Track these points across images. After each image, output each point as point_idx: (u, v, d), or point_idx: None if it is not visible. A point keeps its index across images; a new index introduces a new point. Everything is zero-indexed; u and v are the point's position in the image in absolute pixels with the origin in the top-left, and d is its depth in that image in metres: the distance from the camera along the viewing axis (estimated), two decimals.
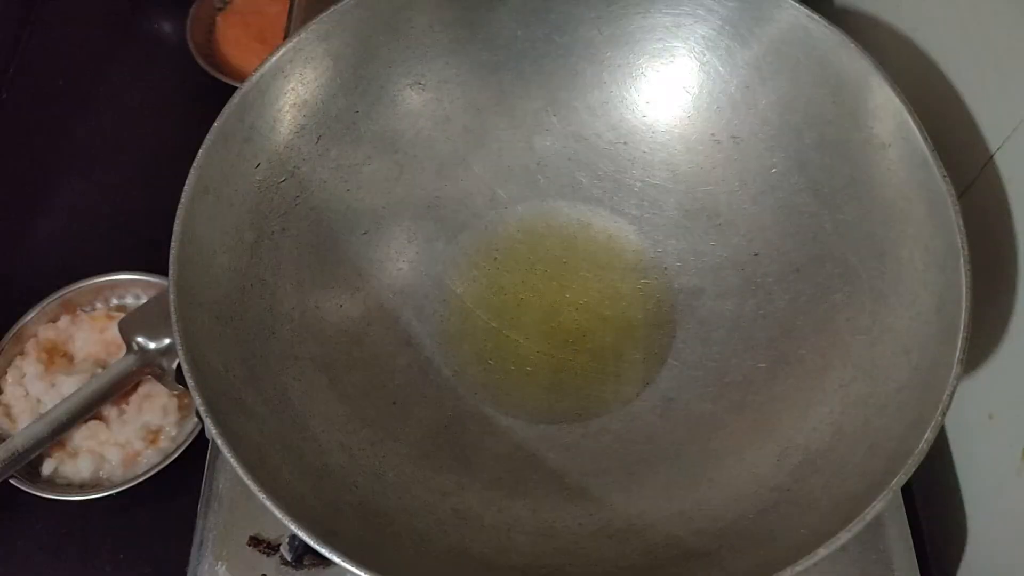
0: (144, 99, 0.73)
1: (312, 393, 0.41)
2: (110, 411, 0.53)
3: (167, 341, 0.51)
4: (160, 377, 0.52)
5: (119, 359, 0.52)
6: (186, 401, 0.54)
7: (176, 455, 0.52)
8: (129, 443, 0.53)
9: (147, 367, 0.52)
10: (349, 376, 0.43)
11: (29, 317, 0.56)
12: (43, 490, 0.51)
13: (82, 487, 0.52)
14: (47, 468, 0.52)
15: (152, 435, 0.53)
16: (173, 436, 0.53)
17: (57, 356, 0.56)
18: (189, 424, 0.53)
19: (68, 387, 0.53)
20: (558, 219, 0.48)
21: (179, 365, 0.36)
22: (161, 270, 0.50)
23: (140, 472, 0.52)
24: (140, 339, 0.51)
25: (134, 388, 0.54)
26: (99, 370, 0.54)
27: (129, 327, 0.52)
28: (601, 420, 0.43)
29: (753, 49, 0.44)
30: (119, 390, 0.52)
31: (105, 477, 0.52)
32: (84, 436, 0.52)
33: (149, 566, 0.52)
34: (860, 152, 0.41)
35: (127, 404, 0.54)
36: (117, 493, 0.51)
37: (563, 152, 0.48)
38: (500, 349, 0.45)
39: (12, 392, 0.54)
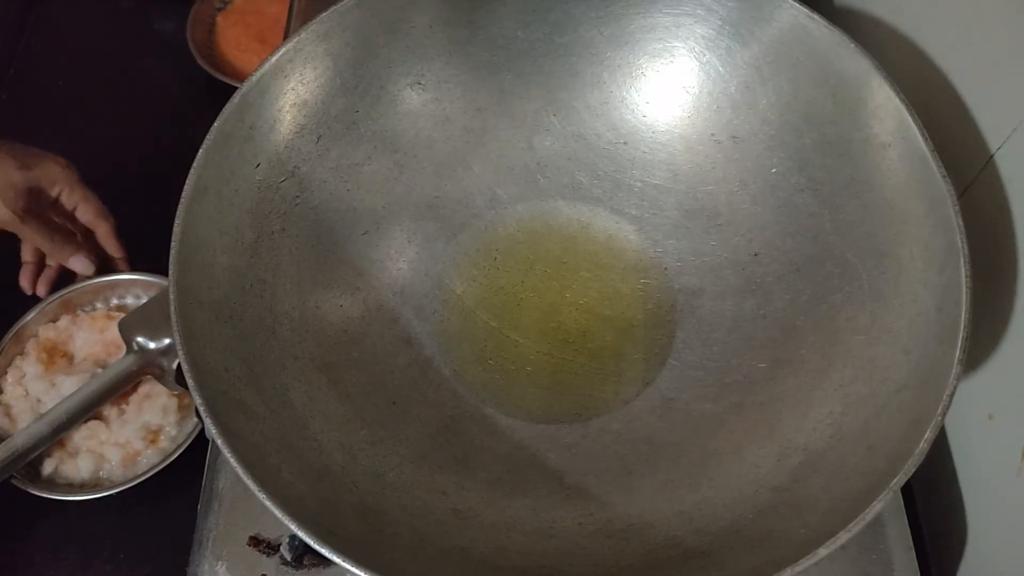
0: (144, 99, 0.73)
1: (312, 393, 0.41)
2: (110, 411, 0.53)
3: (167, 341, 0.51)
4: (160, 377, 0.52)
5: (119, 359, 0.52)
6: (186, 401, 0.54)
7: (176, 455, 0.52)
8: (129, 443, 0.53)
9: (147, 367, 0.52)
10: (349, 376, 0.43)
11: (29, 317, 0.56)
12: (43, 490, 0.51)
13: (82, 487, 0.52)
14: (47, 468, 0.52)
15: (152, 435, 0.53)
16: (173, 436, 0.53)
17: (57, 356, 0.56)
18: (189, 424, 0.53)
19: (68, 387, 0.53)
20: (558, 219, 0.48)
21: (179, 365, 0.36)
22: (161, 270, 0.50)
23: (140, 472, 0.52)
24: (140, 339, 0.51)
25: (134, 388, 0.54)
26: (99, 370, 0.54)
27: (129, 327, 0.52)
28: (601, 420, 0.43)
29: (753, 49, 0.44)
30: (119, 390, 0.52)
31: (105, 477, 0.52)
32: (84, 436, 0.52)
33: (149, 566, 0.52)
34: (860, 152, 0.41)
35: (127, 404, 0.54)
36: (117, 493, 0.51)
37: (563, 152, 0.48)
38: (500, 349, 0.45)
39: (12, 392, 0.54)
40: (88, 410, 0.52)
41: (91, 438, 0.53)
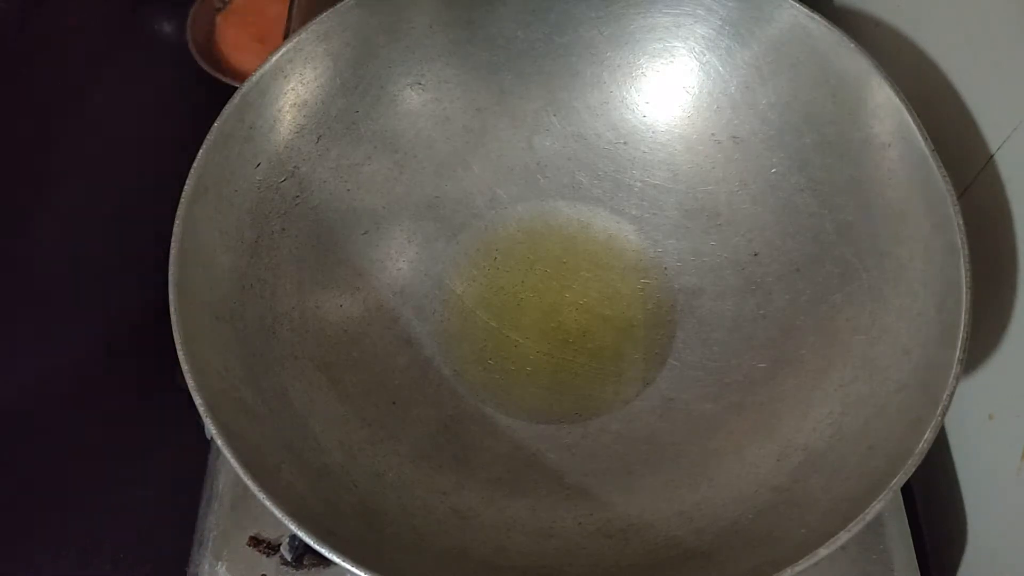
0: (144, 99, 0.73)
1: (312, 393, 0.41)
2: None
3: None
4: None
5: None
6: None
7: None
8: None
9: None
10: (349, 376, 0.43)
11: None
12: None
13: None
14: None
15: None
16: None
17: None
18: None
19: None
20: (558, 219, 0.48)
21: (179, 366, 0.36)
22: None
23: None
24: None
25: None
26: None
27: None
28: (601, 420, 0.43)
29: (753, 49, 0.44)
30: None
31: None
32: None
33: (149, 566, 0.52)
34: (860, 152, 0.41)
35: None
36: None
37: (563, 152, 0.48)
38: (500, 349, 0.45)
39: None
40: None
41: None
